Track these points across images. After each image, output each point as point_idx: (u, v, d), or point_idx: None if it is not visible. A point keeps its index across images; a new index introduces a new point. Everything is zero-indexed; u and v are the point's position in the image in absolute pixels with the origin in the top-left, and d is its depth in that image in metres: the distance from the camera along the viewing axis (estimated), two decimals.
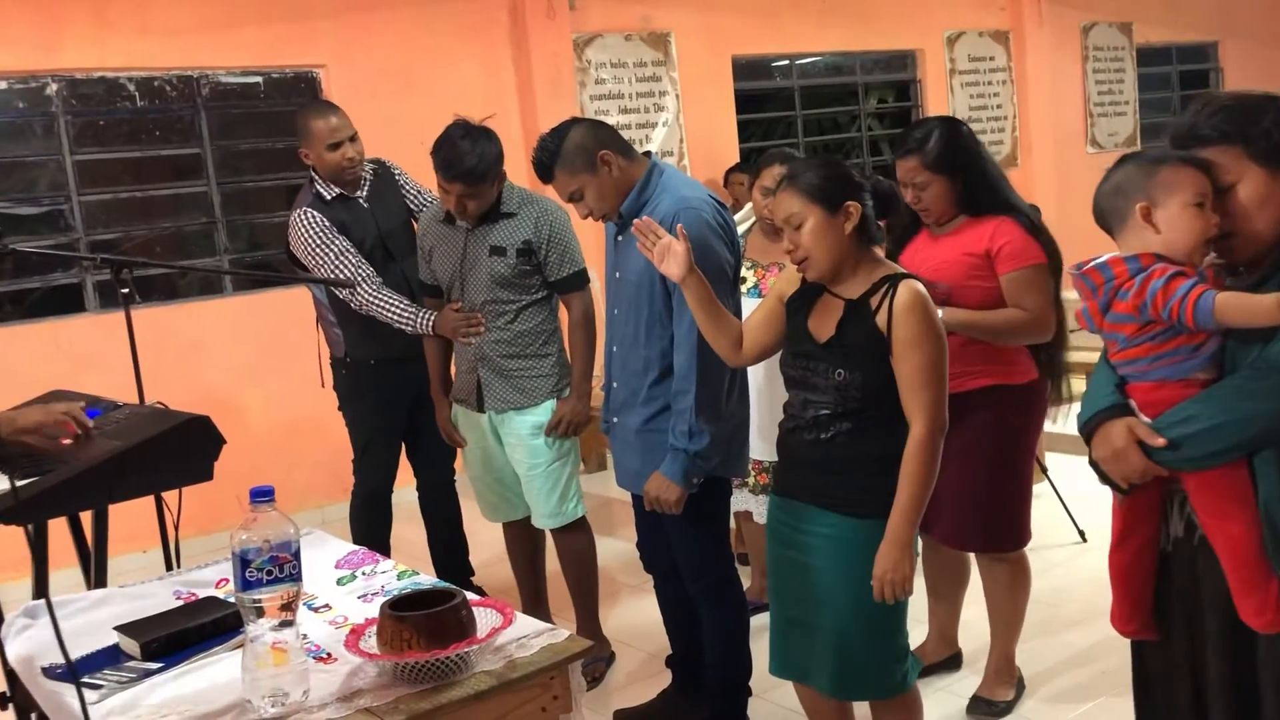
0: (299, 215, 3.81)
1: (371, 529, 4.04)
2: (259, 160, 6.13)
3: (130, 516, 2.91)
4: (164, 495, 2.91)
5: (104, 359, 4.71)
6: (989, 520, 3.07)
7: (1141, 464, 1.78)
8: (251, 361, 5.81)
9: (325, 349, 4.10)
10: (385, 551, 4.02)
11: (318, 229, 3.77)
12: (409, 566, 2.38)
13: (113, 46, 5.46)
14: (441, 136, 3.34)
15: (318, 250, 3.76)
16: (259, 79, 6.01)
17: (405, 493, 4.30)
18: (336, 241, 3.77)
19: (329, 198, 3.85)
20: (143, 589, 2.39)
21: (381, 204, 3.90)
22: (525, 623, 1.92)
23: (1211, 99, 1.84)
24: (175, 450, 2.49)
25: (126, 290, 2.89)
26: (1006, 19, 9.12)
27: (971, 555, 3.32)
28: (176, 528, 2.91)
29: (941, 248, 3.01)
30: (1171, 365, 1.78)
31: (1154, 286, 1.74)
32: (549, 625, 1.93)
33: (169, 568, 2.91)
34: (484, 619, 1.85)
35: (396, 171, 4.06)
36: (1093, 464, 1.89)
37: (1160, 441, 1.75)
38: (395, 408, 3.96)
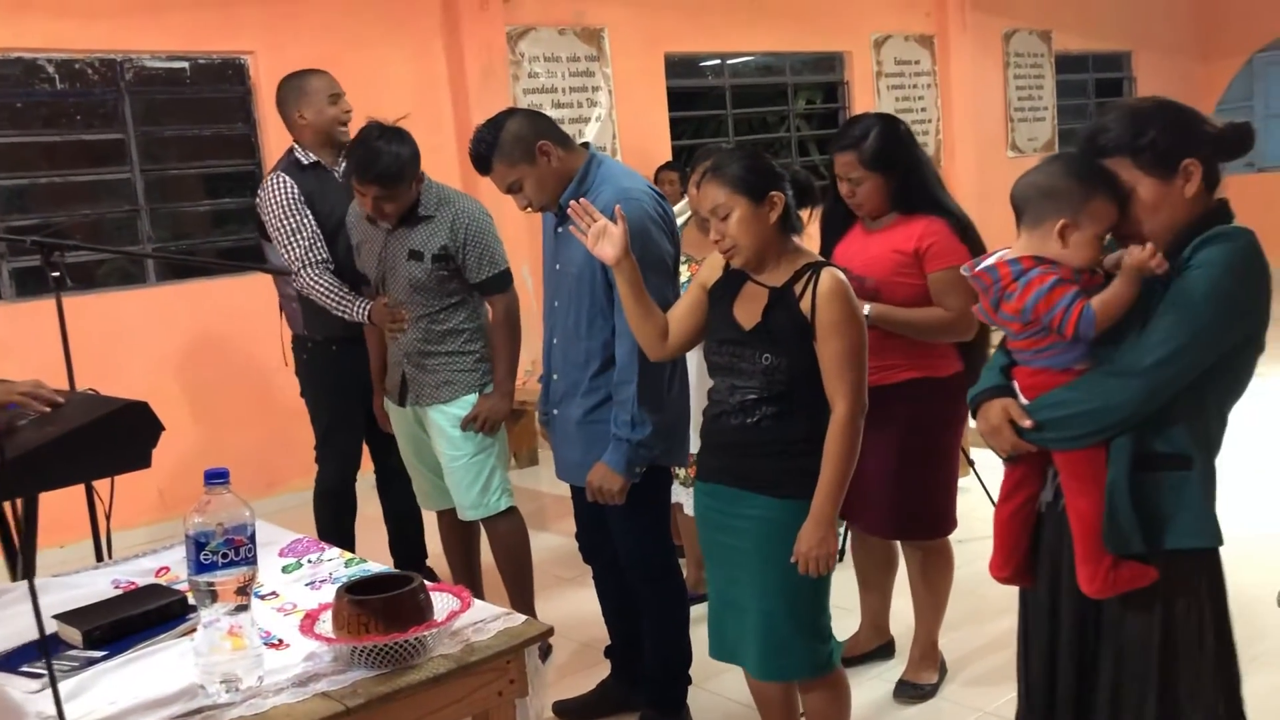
0: (272, 178, 3.86)
1: (334, 520, 4.01)
2: (184, 147, 6.00)
3: (47, 509, 2.82)
4: (95, 485, 2.85)
5: (21, 348, 4.58)
6: (915, 510, 3.14)
7: (1012, 440, 1.99)
8: (174, 354, 5.69)
9: (287, 328, 4.06)
10: (349, 541, 4.00)
11: (285, 198, 3.80)
12: (372, 553, 2.36)
13: (30, 26, 5.30)
14: (355, 138, 3.32)
15: (277, 219, 3.79)
16: (185, 64, 5.88)
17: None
18: (295, 216, 3.78)
19: (305, 163, 3.88)
20: (78, 578, 2.33)
21: None
22: (482, 607, 1.92)
23: (1111, 109, 1.97)
24: (112, 437, 2.43)
25: (58, 274, 2.81)
26: (931, 24, 9.31)
27: (897, 542, 3.39)
28: (109, 518, 2.85)
29: (872, 243, 3.07)
30: (1050, 357, 1.96)
31: (1035, 295, 1.89)
32: (505, 610, 1.93)
33: (99, 559, 2.84)
34: (441, 603, 1.85)
35: None
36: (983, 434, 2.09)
37: (1028, 423, 1.95)
38: (355, 391, 3.91)
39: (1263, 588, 3.45)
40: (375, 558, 3.87)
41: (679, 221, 3.89)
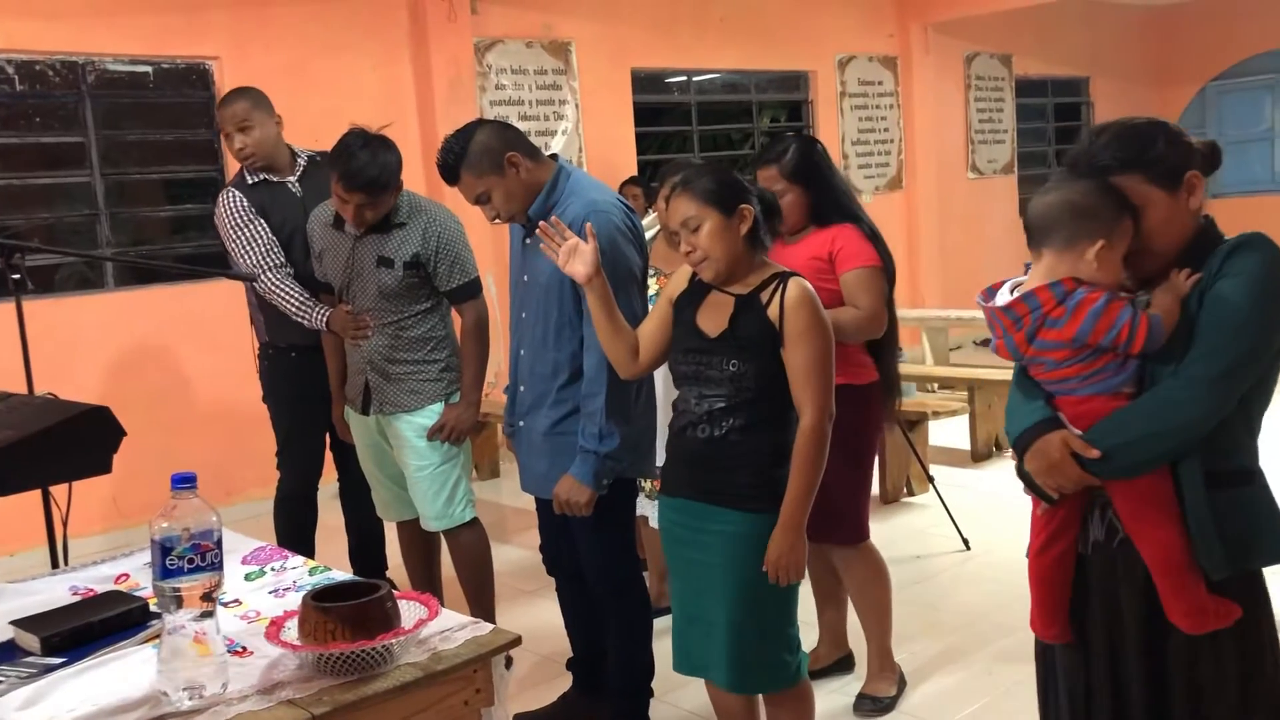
0: (223, 194, 3.86)
1: (293, 526, 3.98)
2: (146, 152, 5.95)
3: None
4: (52, 491, 2.80)
5: None
6: (835, 514, 3.17)
7: (1077, 474, 1.84)
8: (132, 359, 5.62)
9: (255, 338, 4.04)
10: (309, 549, 3.96)
11: (235, 209, 3.79)
12: (332, 562, 2.34)
13: None
14: (339, 146, 3.28)
15: (231, 231, 3.78)
16: (149, 69, 5.82)
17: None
18: (248, 226, 3.76)
19: (252, 181, 3.86)
20: (35, 585, 2.29)
21: (316, 191, 3.83)
22: (449, 616, 1.91)
23: (1103, 128, 1.91)
24: (73, 442, 2.40)
25: (19, 277, 2.78)
26: (895, 45, 9.43)
27: None
28: (65, 524, 2.80)
29: (791, 254, 3.14)
30: (1101, 381, 1.85)
31: (1093, 314, 1.80)
32: (473, 619, 1.92)
33: (55, 565, 2.80)
34: (408, 611, 1.84)
35: None
36: (1022, 475, 1.94)
37: (1095, 453, 1.81)
38: (316, 399, 3.87)
39: None
40: (335, 567, 3.85)
41: (647, 236, 3.92)
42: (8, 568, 4.31)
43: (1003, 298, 1.91)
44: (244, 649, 1.85)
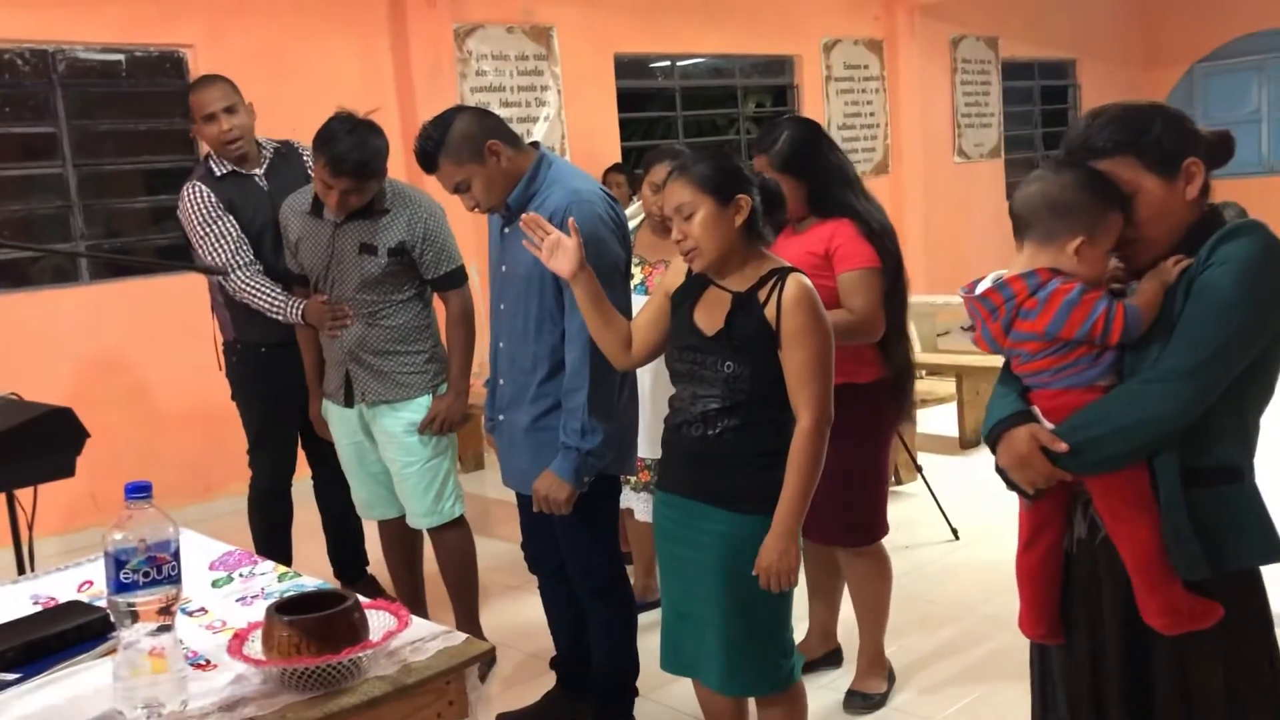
0: (187, 189, 3.74)
1: (269, 524, 3.92)
2: (120, 142, 5.83)
3: None
4: (16, 494, 2.73)
5: None
6: (849, 516, 3.11)
7: (1046, 469, 1.79)
8: (109, 354, 5.52)
9: (219, 333, 3.98)
10: (286, 547, 3.92)
11: (201, 205, 3.69)
12: (310, 561, 2.26)
13: None
14: (325, 131, 3.18)
15: (198, 228, 3.68)
16: (121, 57, 5.71)
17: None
18: (218, 223, 3.67)
19: (219, 174, 3.76)
20: None
21: (282, 184, 3.73)
22: (420, 626, 1.84)
23: (1101, 111, 1.84)
24: (34, 444, 2.32)
25: None
26: (880, 28, 9.34)
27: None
28: (31, 528, 2.73)
29: (790, 247, 3.04)
30: (1075, 375, 1.80)
31: (1066, 304, 1.75)
32: (445, 628, 1.85)
33: (21, 571, 2.72)
34: (377, 622, 1.77)
35: (305, 152, 3.90)
36: (999, 470, 1.88)
37: (1062, 447, 1.76)
38: (288, 395, 3.79)
39: None
40: (315, 566, 3.78)
41: (631, 225, 3.84)
42: None
43: (982, 288, 1.87)
44: (207, 662, 1.78)
